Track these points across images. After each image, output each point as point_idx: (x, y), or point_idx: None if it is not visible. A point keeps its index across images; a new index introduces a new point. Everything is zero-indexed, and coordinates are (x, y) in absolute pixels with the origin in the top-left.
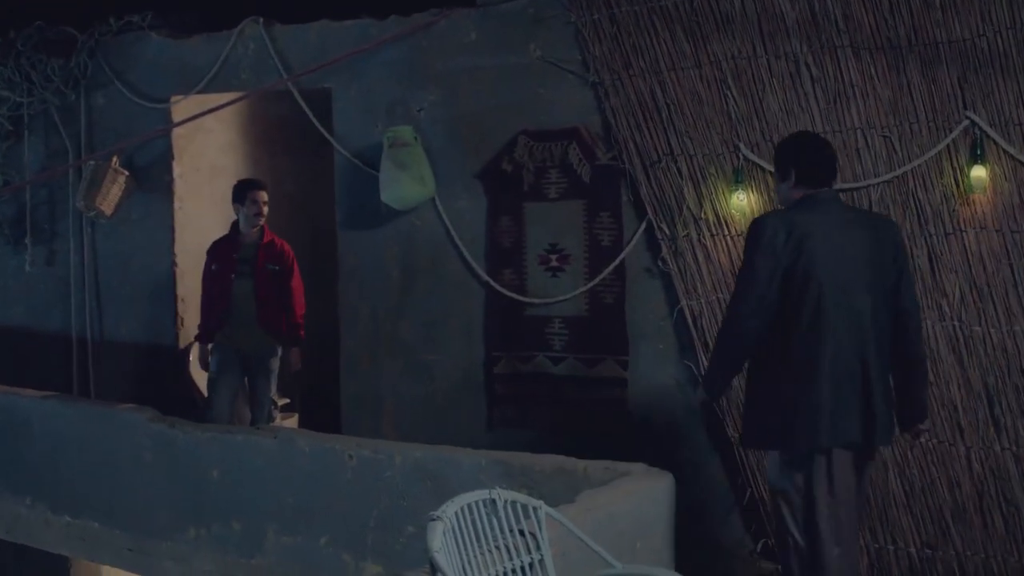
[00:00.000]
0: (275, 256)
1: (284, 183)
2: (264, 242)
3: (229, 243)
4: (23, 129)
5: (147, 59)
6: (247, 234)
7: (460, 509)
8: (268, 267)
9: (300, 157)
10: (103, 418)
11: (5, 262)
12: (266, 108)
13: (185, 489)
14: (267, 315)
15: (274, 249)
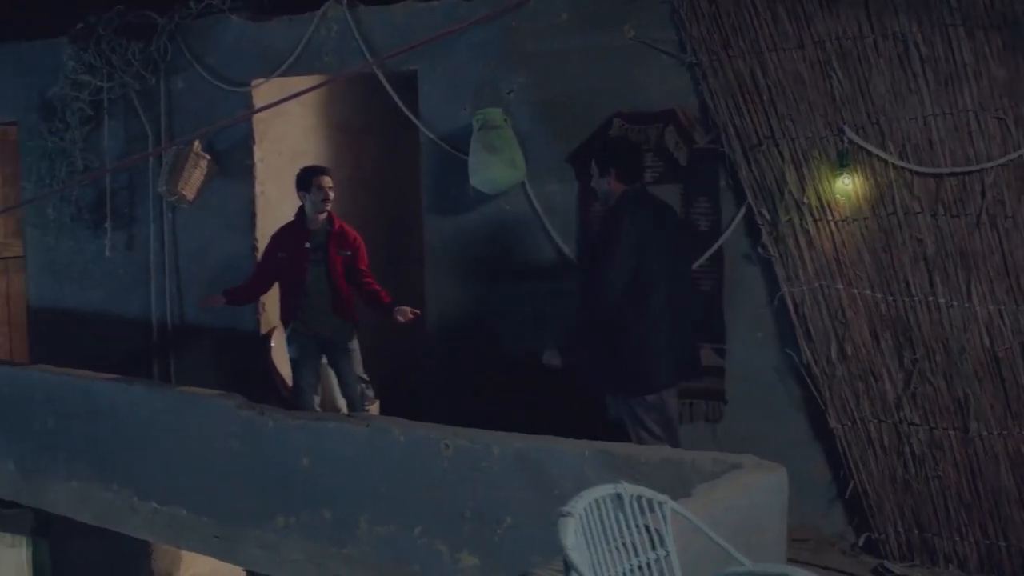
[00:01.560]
0: (346, 242)
1: (364, 168)
2: (335, 229)
3: (298, 231)
4: (103, 114)
5: (227, 42)
6: (315, 221)
7: (588, 504)
8: (340, 253)
9: (381, 141)
10: (190, 405)
11: (85, 247)
12: (347, 91)
13: (274, 477)
14: (341, 300)
15: (344, 235)
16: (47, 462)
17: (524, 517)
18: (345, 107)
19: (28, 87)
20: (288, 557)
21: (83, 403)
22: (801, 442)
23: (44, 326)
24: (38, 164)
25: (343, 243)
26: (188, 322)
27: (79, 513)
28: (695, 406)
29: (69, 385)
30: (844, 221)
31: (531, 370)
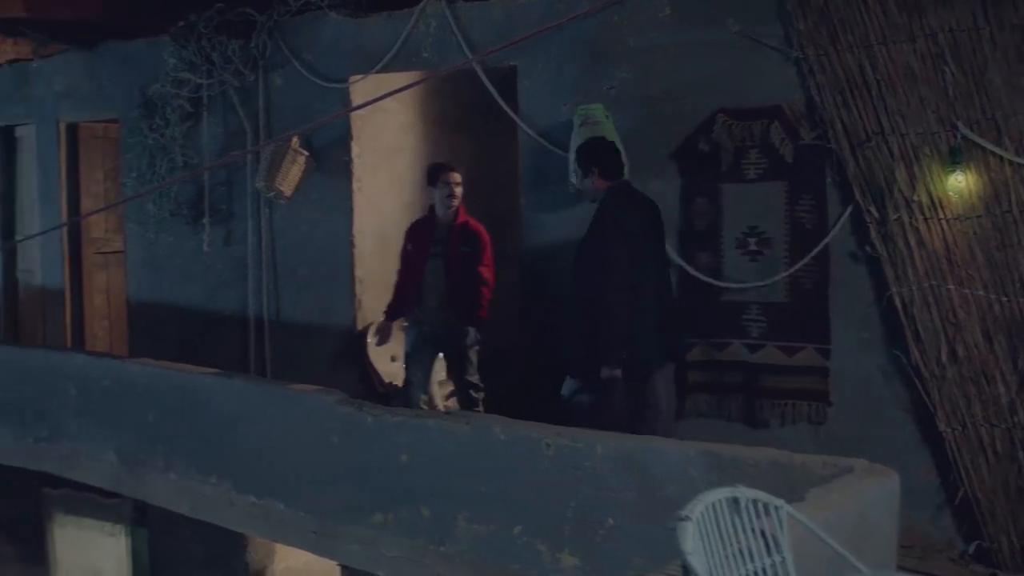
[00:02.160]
0: (467, 238)
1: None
2: (457, 223)
3: (426, 224)
4: (202, 110)
5: (325, 39)
6: (443, 216)
7: (705, 508)
8: (460, 249)
9: (477, 138)
10: (289, 400)
11: (184, 242)
12: (443, 87)
13: (372, 473)
14: (458, 296)
15: (467, 231)
16: (147, 454)
17: (627, 518)
18: (442, 103)
19: (129, 85)
20: (386, 554)
21: (183, 397)
22: (908, 446)
23: (143, 320)
24: (139, 160)
25: (465, 239)
26: (284, 317)
27: (178, 505)
28: (797, 407)
29: (169, 379)
30: (956, 219)
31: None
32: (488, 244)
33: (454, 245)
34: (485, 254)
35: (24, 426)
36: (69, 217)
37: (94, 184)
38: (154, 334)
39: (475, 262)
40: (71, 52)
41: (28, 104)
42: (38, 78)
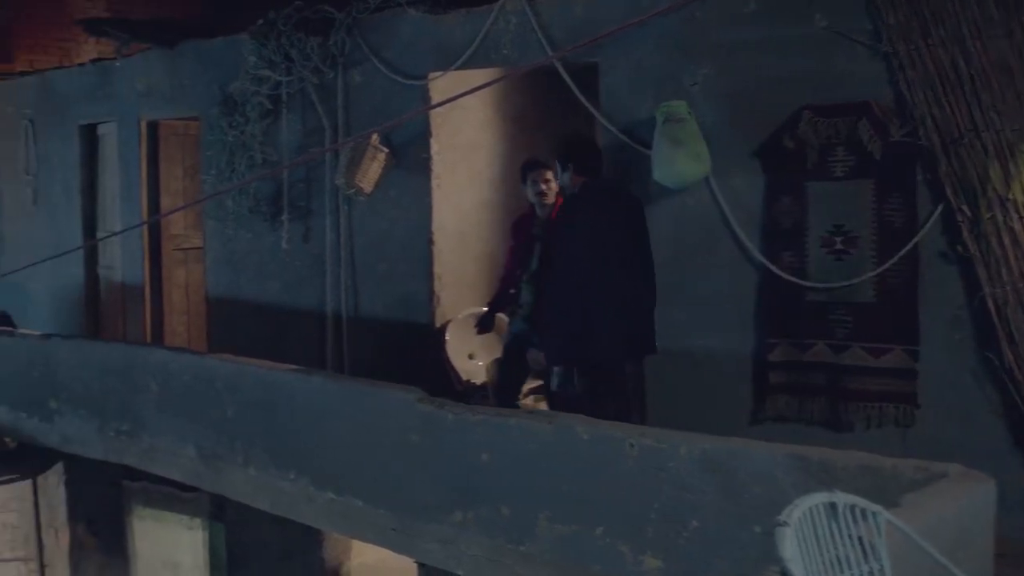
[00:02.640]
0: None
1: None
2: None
3: (524, 221)
4: (281, 108)
5: (404, 36)
6: (540, 212)
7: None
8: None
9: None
10: (369, 397)
11: (262, 239)
12: (522, 84)
13: (452, 471)
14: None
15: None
16: (226, 449)
17: (711, 521)
18: (520, 100)
19: (209, 83)
20: (466, 552)
21: (262, 392)
22: (999, 450)
23: (222, 316)
24: (218, 157)
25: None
26: (362, 314)
27: (256, 500)
28: (884, 410)
29: (249, 374)
30: None
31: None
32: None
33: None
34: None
35: (106, 419)
36: (149, 214)
37: (174, 181)
38: (232, 330)
39: None
40: (152, 51)
41: (110, 102)
42: (120, 77)
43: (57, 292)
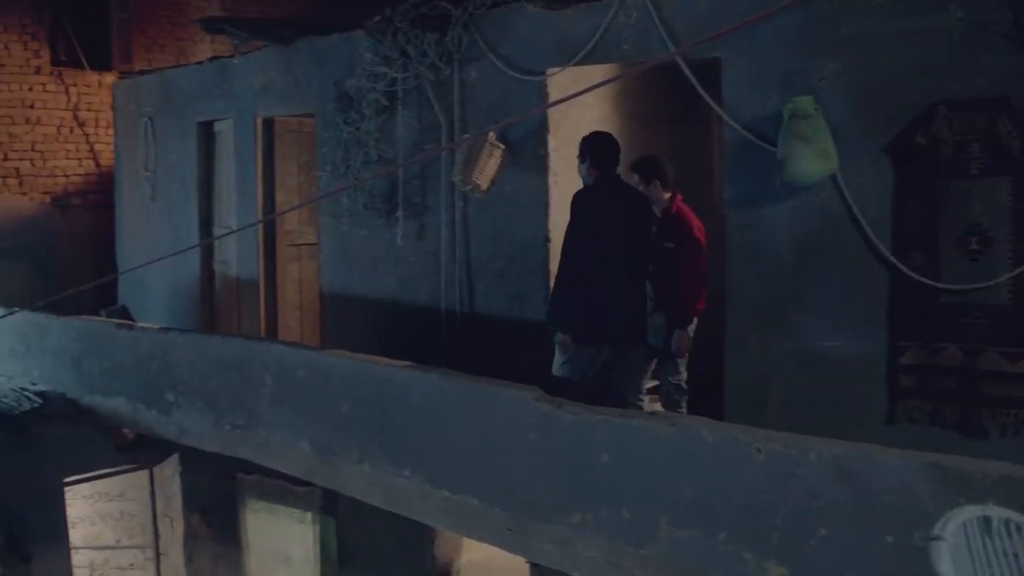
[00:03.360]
0: (671, 232)
1: None
2: (664, 218)
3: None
4: (397, 104)
5: (522, 31)
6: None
7: (956, 527)
8: (663, 245)
9: (671, 132)
10: (486, 395)
11: (377, 235)
12: (638, 79)
13: (571, 472)
14: (659, 294)
15: (672, 225)
16: (341, 445)
17: (841, 530)
18: (636, 96)
19: (325, 80)
20: (583, 554)
21: (378, 389)
22: None
23: (335, 311)
24: (333, 154)
25: (668, 234)
26: (477, 311)
27: (371, 497)
28: (1021, 417)
29: (365, 371)
30: None
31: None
32: (691, 237)
33: (656, 241)
34: (688, 248)
35: (222, 413)
36: (264, 210)
37: (289, 177)
38: (345, 325)
39: (678, 258)
40: (269, 49)
41: (227, 99)
42: (237, 74)
43: (174, 286)
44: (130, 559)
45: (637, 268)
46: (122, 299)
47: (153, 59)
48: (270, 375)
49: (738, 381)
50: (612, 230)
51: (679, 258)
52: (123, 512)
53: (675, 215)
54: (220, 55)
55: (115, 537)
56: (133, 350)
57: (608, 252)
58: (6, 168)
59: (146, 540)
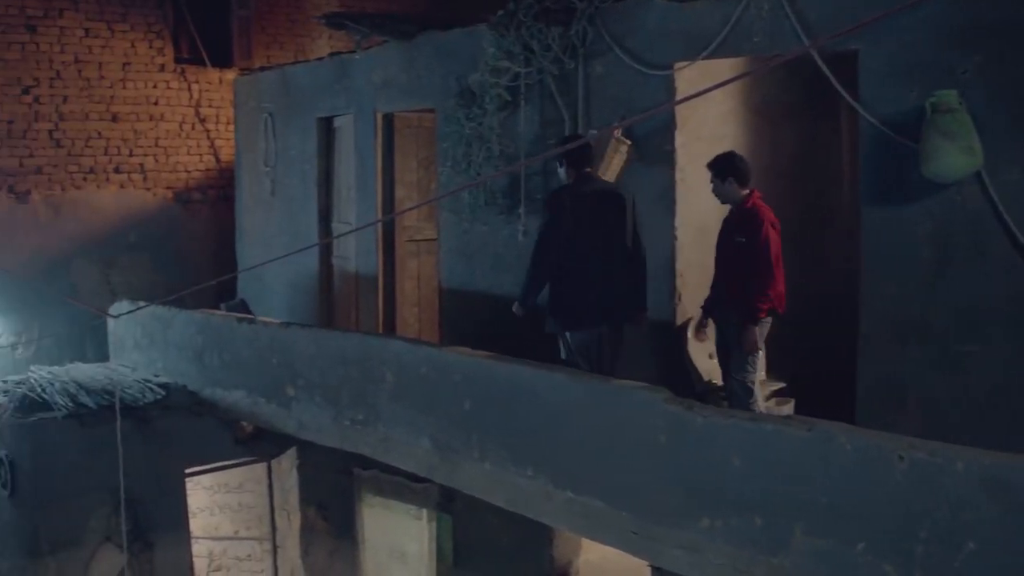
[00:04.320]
0: (742, 226)
1: (781, 156)
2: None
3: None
4: (519, 99)
5: (649, 25)
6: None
7: None
8: (736, 239)
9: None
10: (613, 395)
11: (498, 231)
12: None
13: (700, 476)
14: (733, 288)
15: (742, 218)
16: (462, 443)
17: (991, 544)
18: (764, 90)
19: (446, 75)
20: (712, 561)
21: (501, 387)
22: None
23: (454, 307)
24: (454, 149)
25: (740, 228)
26: None
27: (492, 496)
28: None
29: (488, 368)
30: None
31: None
32: (763, 232)
33: (729, 235)
34: (757, 242)
35: (341, 408)
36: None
37: (408, 173)
38: (464, 322)
39: (749, 253)
40: (389, 44)
41: (347, 95)
42: (357, 70)
43: (292, 281)
44: (247, 550)
45: (613, 255)
46: (241, 293)
47: (272, 56)
48: (390, 371)
49: (871, 384)
50: (586, 222)
51: (750, 253)
52: (241, 504)
53: (748, 210)
54: (338, 51)
55: (233, 528)
56: (254, 344)
57: (583, 243)
58: (131, 164)
59: (263, 532)
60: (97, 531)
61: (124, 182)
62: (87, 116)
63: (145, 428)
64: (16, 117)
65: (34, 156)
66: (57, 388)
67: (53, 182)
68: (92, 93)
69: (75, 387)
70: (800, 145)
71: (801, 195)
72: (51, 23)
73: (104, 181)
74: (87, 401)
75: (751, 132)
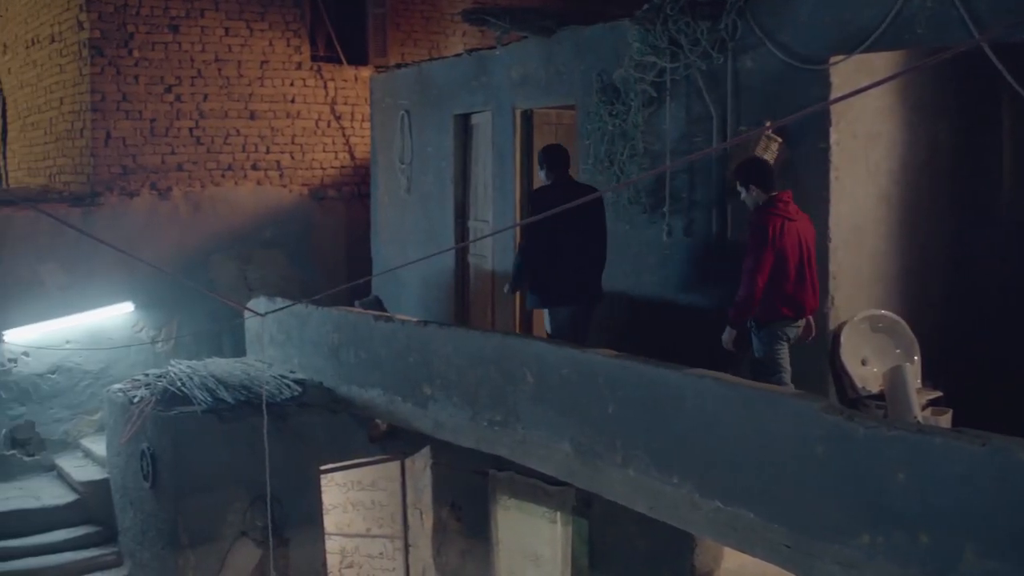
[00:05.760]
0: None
1: (939, 153)
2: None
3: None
4: (664, 95)
5: (802, 17)
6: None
7: None
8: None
9: (957, 123)
10: (767, 403)
11: (641, 231)
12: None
13: (860, 490)
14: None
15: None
16: (604, 447)
17: None
18: (922, 85)
19: (587, 71)
20: None
21: (648, 391)
22: None
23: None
24: (596, 147)
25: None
26: None
27: (634, 502)
28: None
29: (634, 372)
30: None
31: None
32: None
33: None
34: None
35: (478, 409)
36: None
37: None
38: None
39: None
40: (528, 40)
41: (485, 92)
42: (495, 66)
43: (427, 279)
44: (379, 548)
45: (587, 247)
46: (376, 290)
47: (407, 53)
48: (531, 372)
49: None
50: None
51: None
52: (374, 501)
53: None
54: (474, 48)
55: (366, 526)
56: (391, 342)
57: (563, 236)
58: (268, 161)
59: (395, 530)
60: (234, 525)
61: (261, 179)
62: (226, 114)
63: (282, 425)
64: (159, 115)
65: (175, 153)
66: (196, 383)
67: (193, 179)
68: (231, 91)
69: (214, 382)
70: (959, 142)
71: (959, 194)
72: (193, 23)
73: (242, 178)
74: (225, 396)
75: (908, 129)
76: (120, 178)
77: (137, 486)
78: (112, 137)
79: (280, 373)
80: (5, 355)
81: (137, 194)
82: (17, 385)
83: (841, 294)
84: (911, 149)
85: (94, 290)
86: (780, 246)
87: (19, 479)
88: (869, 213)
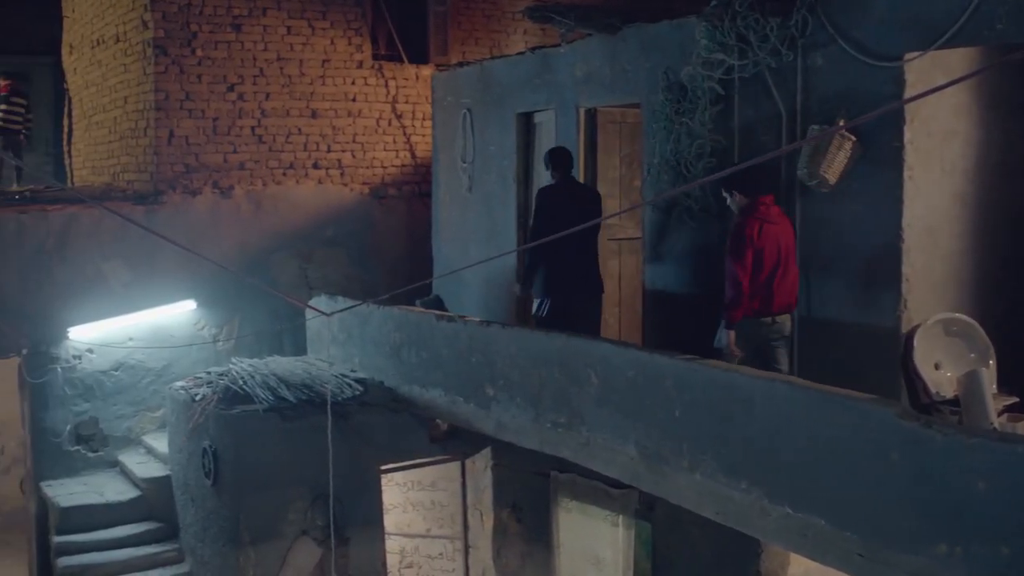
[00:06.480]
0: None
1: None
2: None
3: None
4: (732, 93)
5: (876, 13)
6: None
7: None
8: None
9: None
10: (840, 408)
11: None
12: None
13: (938, 499)
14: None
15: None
16: (671, 451)
17: None
18: (998, 82)
19: (653, 68)
20: None
21: (716, 395)
22: None
23: (658, 310)
24: (662, 146)
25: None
26: (815, 314)
27: (701, 507)
28: None
29: (702, 375)
30: None
31: None
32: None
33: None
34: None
35: (541, 410)
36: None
37: (611, 170)
38: (668, 325)
39: None
40: (592, 37)
41: (548, 90)
42: (559, 64)
43: (488, 278)
44: (439, 549)
45: (586, 244)
46: (436, 289)
47: (467, 51)
48: (596, 374)
49: None
50: (567, 216)
51: None
52: (434, 502)
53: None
54: (535, 46)
55: (426, 526)
56: (453, 342)
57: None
58: (329, 159)
59: (455, 531)
60: (295, 524)
61: (322, 177)
62: (288, 112)
63: (343, 424)
64: (221, 114)
65: (238, 152)
66: (258, 381)
67: (255, 177)
68: (293, 90)
69: (275, 381)
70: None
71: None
72: (255, 22)
73: (303, 176)
74: (287, 395)
75: (983, 128)
76: (183, 176)
77: (199, 483)
78: (175, 136)
79: (341, 372)
80: (70, 352)
81: (199, 192)
82: (82, 382)
83: (914, 297)
84: (986, 148)
85: (156, 288)
86: (759, 247)
87: (83, 475)
88: (943, 213)
